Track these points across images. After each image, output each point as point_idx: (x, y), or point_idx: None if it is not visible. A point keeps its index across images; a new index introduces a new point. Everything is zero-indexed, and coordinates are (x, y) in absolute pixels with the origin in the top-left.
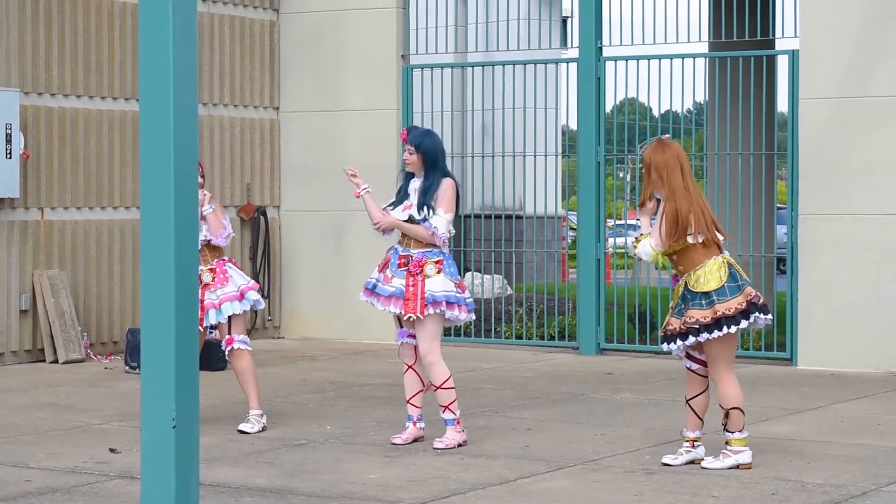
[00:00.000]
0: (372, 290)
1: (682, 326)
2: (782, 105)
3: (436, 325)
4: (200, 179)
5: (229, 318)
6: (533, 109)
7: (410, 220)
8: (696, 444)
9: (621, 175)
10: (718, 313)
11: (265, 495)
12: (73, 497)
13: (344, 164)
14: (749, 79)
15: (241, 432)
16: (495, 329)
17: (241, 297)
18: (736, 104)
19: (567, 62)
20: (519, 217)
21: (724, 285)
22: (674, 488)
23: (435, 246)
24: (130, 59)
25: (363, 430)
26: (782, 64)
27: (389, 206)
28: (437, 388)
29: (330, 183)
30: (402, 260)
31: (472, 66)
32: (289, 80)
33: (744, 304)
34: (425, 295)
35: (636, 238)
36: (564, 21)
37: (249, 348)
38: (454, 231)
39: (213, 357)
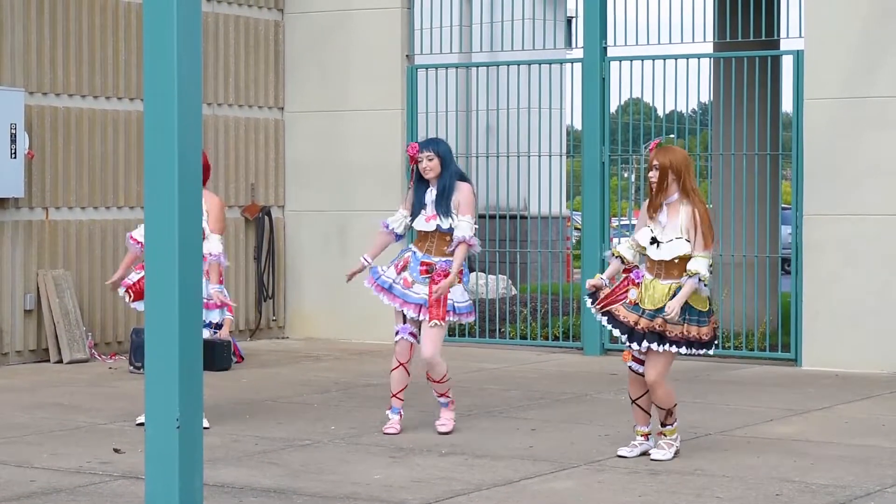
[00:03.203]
0: (387, 289)
1: (681, 335)
2: (787, 105)
3: (444, 330)
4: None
5: None
6: (538, 109)
7: (438, 229)
8: (648, 437)
9: (626, 175)
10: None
11: (269, 495)
12: (77, 497)
13: (349, 163)
14: (754, 79)
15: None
16: (500, 329)
17: None
18: (741, 104)
19: (571, 62)
20: (523, 217)
21: (710, 308)
22: (677, 489)
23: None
24: (135, 59)
25: (368, 430)
26: (787, 64)
27: (408, 216)
28: (438, 381)
29: (334, 183)
30: (424, 267)
31: (477, 67)
32: (293, 80)
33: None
34: (447, 303)
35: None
36: (569, 21)
37: None
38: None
39: (216, 357)
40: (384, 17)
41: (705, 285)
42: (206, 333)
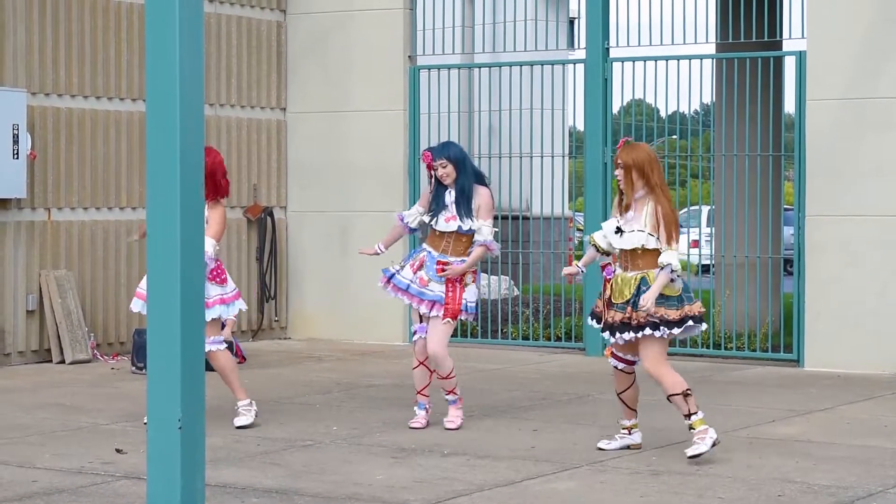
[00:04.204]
0: (404, 290)
1: (645, 319)
2: (789, 106)
3: (452, 328)
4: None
5: None
6: (540, 110)
7: (459, 230)
8: (632, 430)
9: None
10: (690, 313)
11: (271, 496)
12: (79, 497)
13: (351, 164)
14: (756, 80)
15: (240, 428)
16: (502, 330)
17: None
18: (743, 105)
19: (574, 63)
20: (526, 218)
21: (681, 295)
22: (680, 489)
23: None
24: (137, 60)
25: (369, 430)
26: (789, 65)
27: (424, 213)
28: (446, 377)
29: (336, 184)
30: (441, 266)
31: (479, 67)
32: (296, 80)
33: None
34: (461, 302)
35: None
36: (571, 22)
37: (221, 347)
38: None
39: None
40: (386, 17)
41: (677, 276)
42: None
